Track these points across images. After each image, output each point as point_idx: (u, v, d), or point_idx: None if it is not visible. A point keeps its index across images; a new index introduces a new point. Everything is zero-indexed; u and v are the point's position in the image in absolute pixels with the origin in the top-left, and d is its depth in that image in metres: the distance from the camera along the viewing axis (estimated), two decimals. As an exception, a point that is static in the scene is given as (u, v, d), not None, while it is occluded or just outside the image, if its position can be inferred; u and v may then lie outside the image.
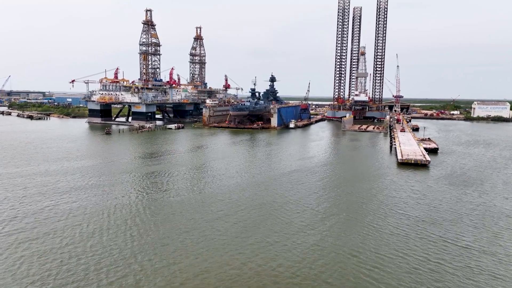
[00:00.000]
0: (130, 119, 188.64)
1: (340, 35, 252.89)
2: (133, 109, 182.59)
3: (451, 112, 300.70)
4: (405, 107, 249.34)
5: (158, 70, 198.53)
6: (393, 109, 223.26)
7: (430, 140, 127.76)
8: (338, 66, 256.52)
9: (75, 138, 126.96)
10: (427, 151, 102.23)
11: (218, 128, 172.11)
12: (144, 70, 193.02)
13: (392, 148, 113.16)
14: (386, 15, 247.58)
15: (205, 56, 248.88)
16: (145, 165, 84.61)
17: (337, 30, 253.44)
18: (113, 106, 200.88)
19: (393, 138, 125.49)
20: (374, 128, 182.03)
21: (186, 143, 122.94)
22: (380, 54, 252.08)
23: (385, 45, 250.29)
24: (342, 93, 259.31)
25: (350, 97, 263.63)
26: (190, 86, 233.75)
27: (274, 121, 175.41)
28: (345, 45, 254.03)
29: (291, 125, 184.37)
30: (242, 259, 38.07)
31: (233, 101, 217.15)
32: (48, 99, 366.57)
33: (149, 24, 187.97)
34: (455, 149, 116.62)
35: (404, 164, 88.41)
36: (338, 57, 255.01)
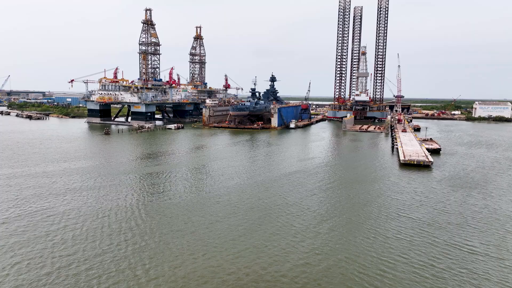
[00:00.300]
0: (129, 119, 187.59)
1: (340, 35, 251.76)
2: (132, 109, 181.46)
3: (452, 112, 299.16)
4: (405, 107, 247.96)
5: (157, 69, 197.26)
6: (394, 109, 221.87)
7: (432, 140, 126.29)
8: (338, 66, 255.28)
9: (74, 138, 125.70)
10: (430, 152, 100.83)
11: (218, 128, 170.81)
12: (143, 70, 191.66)
13: (394, 148, 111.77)
14: (387, 15, 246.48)
15: (205, 55, 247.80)
16: (143, 166, 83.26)
17: (337, 30, 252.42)
18: (112, 106, 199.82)
19: (394, 138, 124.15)
20: (375, 128, 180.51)
21: (186, 144, 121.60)
22: (381, 53, 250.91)
23: (386, 44, 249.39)
24: (342, 93, 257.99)
25: (350, 97, 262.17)
26: (190, 86, 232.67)
27: (274, 121, 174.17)
28: (345, 44, 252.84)
29: (292, 125, 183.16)
30: (241, 264, 36.70)
31: (233, 101, 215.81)
32: (47, 99, 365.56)
33: (148, 23, 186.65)
34: (458, 149, 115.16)
35: (406, 165, 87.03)
36: (339, 56, 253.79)
